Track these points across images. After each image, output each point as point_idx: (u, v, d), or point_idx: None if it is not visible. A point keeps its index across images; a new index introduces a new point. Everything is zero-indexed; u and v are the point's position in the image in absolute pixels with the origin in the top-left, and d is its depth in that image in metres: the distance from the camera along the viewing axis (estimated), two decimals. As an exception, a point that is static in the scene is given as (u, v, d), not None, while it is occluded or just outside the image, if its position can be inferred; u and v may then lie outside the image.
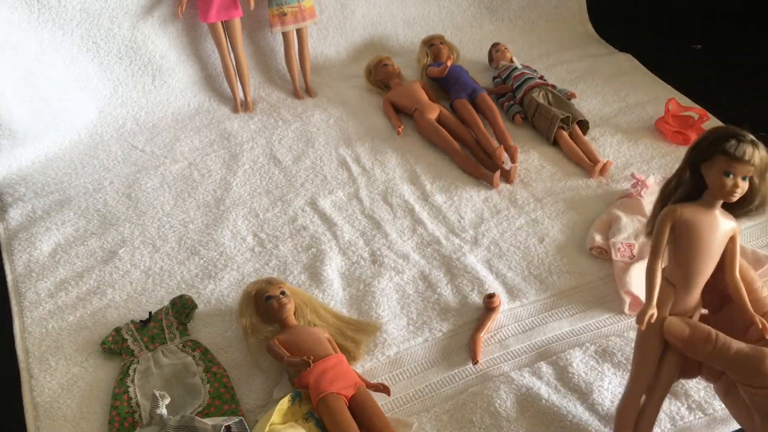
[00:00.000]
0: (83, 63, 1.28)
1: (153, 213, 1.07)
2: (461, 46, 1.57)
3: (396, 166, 1.18)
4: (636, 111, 1.31)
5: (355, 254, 0.98)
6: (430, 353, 0.82)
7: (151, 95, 1.34)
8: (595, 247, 0.96)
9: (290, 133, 1.29)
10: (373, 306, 0.88)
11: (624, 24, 1.64)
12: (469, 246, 0.98)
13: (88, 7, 1.24)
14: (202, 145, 1.26)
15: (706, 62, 1.50)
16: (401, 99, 1.32)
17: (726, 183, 0.56)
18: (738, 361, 0.55)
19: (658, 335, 0.60)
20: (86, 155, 1.22)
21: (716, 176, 0.57)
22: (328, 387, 0.69)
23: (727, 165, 0.56)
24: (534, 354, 0.81)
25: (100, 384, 0.79)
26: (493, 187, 1.11)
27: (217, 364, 0.79)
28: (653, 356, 0.61)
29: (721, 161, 0.56)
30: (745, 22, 1.64)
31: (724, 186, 0.56)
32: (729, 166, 0.56)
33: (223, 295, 0.92)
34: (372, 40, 1.57)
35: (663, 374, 0.61)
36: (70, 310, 0.89)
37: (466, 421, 0.72)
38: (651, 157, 1.17)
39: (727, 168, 0.56)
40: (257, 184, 1.14)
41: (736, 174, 0.56)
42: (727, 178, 0.56)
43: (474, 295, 0.89)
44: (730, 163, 0.56)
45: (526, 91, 1.29)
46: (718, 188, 0.57)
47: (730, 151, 0.56)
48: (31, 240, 1.01)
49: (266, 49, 1.46)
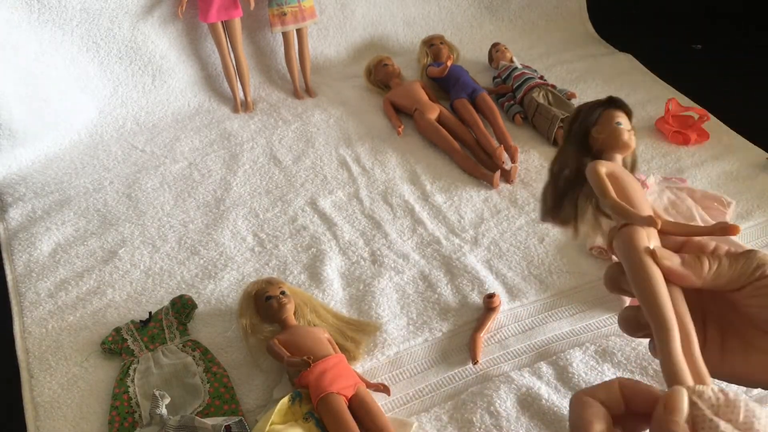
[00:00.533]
0: (83, 63, 1.28)
1: (153, 213, 1.07)
2: (461, 46, 1.57)
3: (396, 166, 1.18)
4: (636, 111, 1.30)
5: (355, 254, 0.98)
6: (430, 353, 0.82)
7: (151, 95, 1.34)
8: (595, 247, 0.96)
9: (290, 133, 1.29)
10: (373, 306, 0.88)
11: (624, 24, 1.64)
12: (469, 246, 0.98)
13: (88, 7, 1.24)
14: (202, 145, 1.26)
15: (706, 62, 1.50)
16: (401, 99, 1.32)
17: (622, 132, 0.56)
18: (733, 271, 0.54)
19: None
20: (86, 155, 1.22)
21: (611, 130, 0.56)
22: (328, 387, 0.69)
23: (616, 116, 0.56)
24: (534, 354, 0.81)
25: (100, 384, 0.79)
26: (493, 187, 1.11)
27: (217, 364, 0.79)
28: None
29: (608, 116, 0.57)
30: (745, 21, 1.64)
31: (620, 134, 0.56)
32: (618, 116, 0.56)
33: (223, 295, 0.92)
34: (372, 40, 1.57)
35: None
36: (70, 310, 0.89)
37: (466, 421, 0.72)
38: (651, 157, 1.17)
39: (617, 118, 0.56)
40: (257, 184, 1.14)
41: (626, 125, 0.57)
42: (621, 127, 0.56)
43: (474, 295, 0.89)
44: (617, 113, 0.56)
45: (526, 91, 1.29)
46: (616, 140, 0.56)
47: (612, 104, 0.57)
48: (31, 240, 1.01)
49: (266, 49, 1.46)
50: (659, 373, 0.76)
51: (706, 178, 1.11)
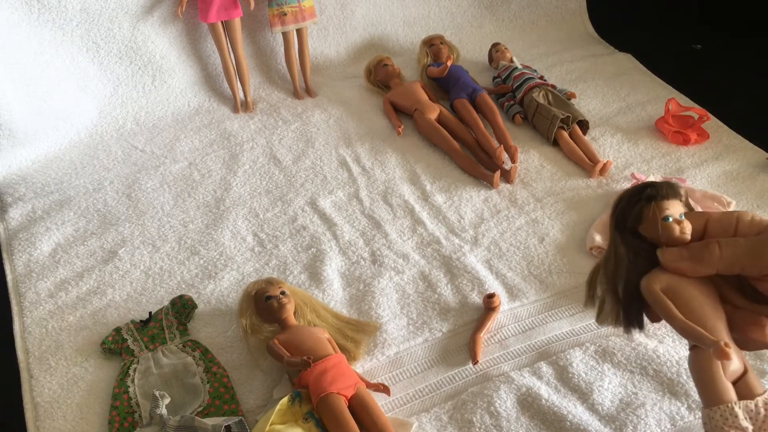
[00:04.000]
0: (83, 63, 1.28)
1: (153, 213, 1.07)
2: (461, 46, 1.57)
3: (396, 166, 1.18)
4: (636, 111, 1.31)
5: (355, 254, 0.98)
6: (430, 353, 0.82)
7: (151, 95, 1.34)
8: (595, 247, 0.96)
9: (290, 133, 1.29)
10: (373, 306, 0.88)
11: (624, 24, 1.64)
12: (469, 246, 0.98)
13: (88, 7, 1.24)
14: (202, 145, 1.26)
15: (706, 62, 1.50)
16: (401, 99, 1.32)
17: (673, 228, 0.54)
18: (752, 247, 0.53)
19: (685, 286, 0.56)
20: (86, 155, 1.22)
21: (660, 229, 0.55)
22: (328, 387, 0.69)
23: (662, 210, 0.54)
24: (534, 354, 0.81)
25: (100, 384, 0.79)
26: (493, 187, 1.11)
27: (217, 364, 0.79)
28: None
29: (652, 211, 0.55)
30: (745, 21, 1.64)
31: (672, 232, 0.54)
32: (663, 209, 0.54)
33: (223, 295, 0.92)
34: (372, 40, 1.57)
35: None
36: (70, 310, 0.89)
37: (466, 421, 0.72)
38: (651, 157, 1.17)
39: (664, 212, 0.54)
40: (257, 184, 1.14)
41: (674, 214, 0.55)
42: (670, 222, 0.54)
43: (474, 295, 0.89)
44: (661, 206, 0.54)
45: (526, 91, 1.29)
46: (669, 236, 0.55)
47: (653, 194, 0.54)
48: (31, 240, 1.01)
49: (266, 49, 1.46)
50: (659, 373, 0.76)
51: (706, 178, 1.11)
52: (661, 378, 0.76)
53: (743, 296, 0.57)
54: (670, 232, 0.55)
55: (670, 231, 0.55)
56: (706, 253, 0.55)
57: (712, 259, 0.54)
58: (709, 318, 0.56)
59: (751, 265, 0.53)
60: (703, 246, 0.55)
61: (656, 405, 0.73)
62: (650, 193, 0.55)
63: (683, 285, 0.56)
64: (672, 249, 0.56)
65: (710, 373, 0.55)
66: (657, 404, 0.73)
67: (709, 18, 1.67)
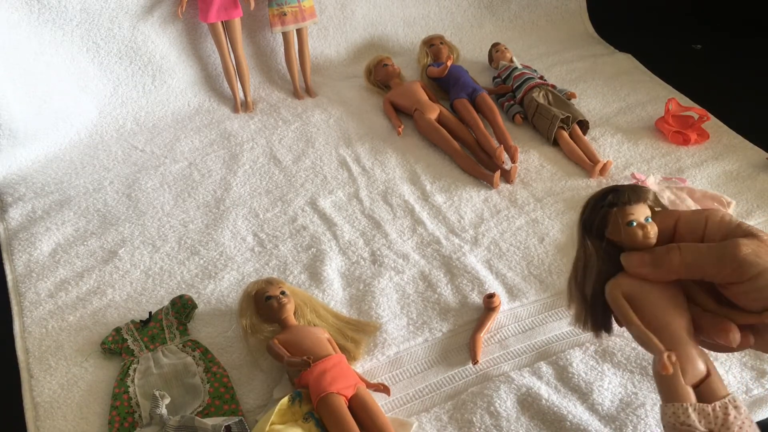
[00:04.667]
0: (83, 63, 1.28)
1: (153, 213, 1.07)
2: (461, 46, 1.57)
3: (396, 166, 1.18)
4: (636, 111, 1.31)
5: (355, 254, 0.98)
6: (430, 353, 0.82)
7: (151, 95, 1.34)
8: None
9: (290, 133, 1.29)
10: (373, 306, 0.88)
11: (624, 24, 1.64)
12: (469, 246, 0.98)
13: (88, 7, 1.24)
14: (202, 145, 1.26)
15: (706, 62, 1.50)
16: (401, 99, 1.32)
17: (635, 233, 0.55)
18: (714, 256, 0.52)
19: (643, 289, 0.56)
20: (86, 155, 1.23)
21: (624, 234, 0.55)
22: (328, 387, 0.69)
23: (625, 215, 0.55)
24: (534, 354, 0.81)
25: (100, 384, 0.79)
26: (493, 187, 1.11)
27: (217, 364, 0.79)
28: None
29: (616, 216, 0.55)
30: (745, 21, 1.64)
31: (635, 237, 0.55)
32: (627, 214, 0.55)
33: (223, 295, 0.92)
34: (372, 40, 1.57)
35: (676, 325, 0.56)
36: (70, 310, 0.89)
37: (466, 421, 0.72)
38: (651, 157, 1.17)
39: (628, 217, 0.55)
40: (257, 184, 1.14)
41: (638, 218, 0.55)
42: (633, 228, 0.55)
43: (474, 295, 0.89)
44: (624, 211, 0.54)
45: (526, 91, 1.29)
46: (632, 241, 0.55)
47: (615, 201, 0.54)
48: (31, 240, 1.01)
49: (266, 49, 1.46)
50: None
51: (706, 178, 1.11)
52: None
53: (712, 299, 0.57)
54: (633, 237, 0.55)
55: (634, 236, 0.55)
56: (667, 259, 0.55)
57: (673, 265, 0.54)
58: (671, 323, 0.56)
59: (712, 273, 0.53)
60: (665, 252, 0.55)
61: (656, 405, 0.73)
62: (612, 200, 0.55)
63: (646, 290, 0.56)
64: (634, 254, 0.56)
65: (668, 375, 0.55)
66: (657, 404, 0.73)
67: (709, 18, 1.67)
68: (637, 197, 0.56)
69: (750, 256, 0.50)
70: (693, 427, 0.56)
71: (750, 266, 0.50)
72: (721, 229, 0.54)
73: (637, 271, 0.56)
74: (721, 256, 0.52)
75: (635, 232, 0.55)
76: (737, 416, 0.57)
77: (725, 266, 0.52)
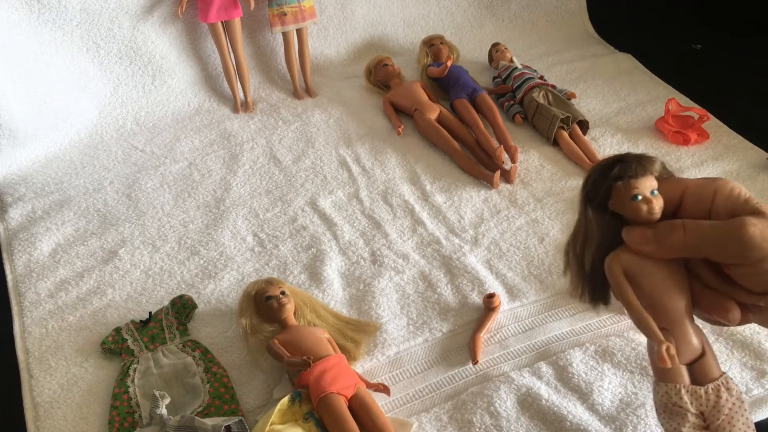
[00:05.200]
0: (83, 63, 1.28)
1: (153, 213, 1.07)
2: (461, 46, 1.57)
3: (396, 166, 1.18)
4: (636, 111, 1.31)
5: (355, 254, 0.98)
6: (430, 353, 0.82)
7: (151, 95, 1.34)
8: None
9: (290, 133, 1.29)
10: (373, 306, 0.88)
11: (624, 24, 1.64)
12: (469, 246, 0.98)
13: (88, 7, 1.24)
14: (202, 145, 1.26)
15: (706, 62, 1.50)
16: (401, 99, 1.32)
17: (640, 208, 0.53)
18: (718, 237, 0.50)
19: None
20: (86, 155, 1.23)
21: (628, 209, 0.54)
22: (328, 387, 0.69)
23: (630, 188, 0.53)
24: (534, 354, 0.81)
25: (100, 384, 0.79)
26: (493, 187, 1.11)
27: (217, 364, 0.79)
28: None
29: (621, 189, 0.53)
30: (745, 21, 1.64)
31: (639, 212, 0.53)
32: (632, 188, 0.53)
33: (223, 295, 0.92)
34: (372, 40, 1.57)
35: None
36: (70, 310, 0.89)
37: (466, 421, 0.72)
38: (651, 157, 1.17)
39: (632, 191, 0.53)
40: (257, 184, 1.14)
41: (643, 192, 0.53)
42: (638, 202, 0.53)
43: (474, 295, 0.89)
44: (630, 184, 0.53)
45: (526, 91, 1.29)
46: (636, 216, 0.54)
47: (621, 174, 0.53)
48: (31, 240, 1.01)
49: (266, 49, 1.46)
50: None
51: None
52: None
53: (714, 274, 0.55)
54: (637, 212, 0.54)
55: (637, 211, 0.53)
56: (669, 237, 0.53)
57: (675, 244, 0.53)
58: (670, 299, 0.55)
59: (715, 254, 0.52)
60: (668, 228, 0.53)
61: (656, 405, 0.73)
62: (618, 173, 0.53)
63: (646, 266, 0.55)
64: (636, 229, 0.55)
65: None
66: (657, 404, 0.73)
67: (709, 18, 1.67)
68: (643, 169, 0.54)
69: (756, 239, 0.48)
70: (684, 409, 0.56)
71: (755, 249, 0.48)
72: (728, 203, 0.52)
73: (638, 248, 0.55)
74: (726, 237, 0.50)
75: (639, 207, 0.53)
76: (728, 398, 0.57)
77: (729, 248, 0.50)
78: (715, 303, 0.55)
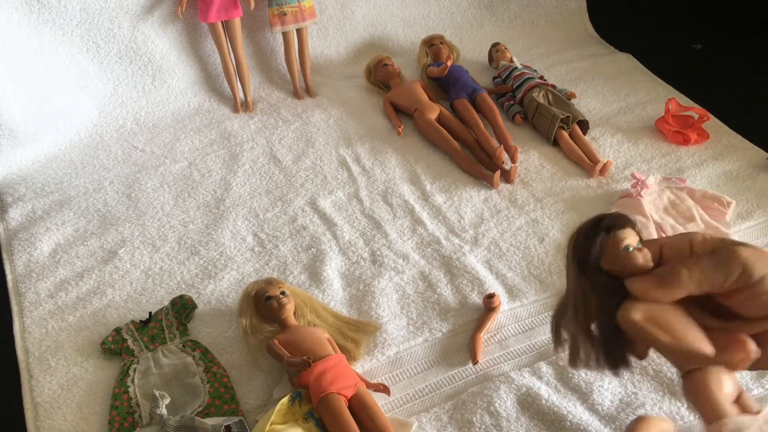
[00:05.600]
0: (83, 63, 1.28)
1: (153, 213, 1.07)
2: (461, 46, 1.57)
3: (396, 166, 1.18)
4: (636, 111, 1.31)
5: (355, 254, 0.98)
6: (430, 353, 0.82)
7: (151, 95, 1.34)
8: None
9: (290, 133, 1.29)
10: (373, 306, 0.88)
11: (624, 24, 1.64)
12: (469, 246, 0.98)
13: (88, 7, 1.24)
14: (202, 145, 1.26)
15: (706, 62, 1.50)
16: (401, 99, 1.32)
17: (635, 257, 0.53)
18: (718, 263, 0.52)
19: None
20: (86, 155, 1.23)
21: (622, 261, 0.54)
22: (328, 387, 0.69)
23: (620, 240, 0.53)
24: (534, 354, 0.81)
25: (100, 384, 0.79)
26: (493, 187, 1.11)
27: (217, 364, 0.79)
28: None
29: (612, 242, 0.53)
30: (745, 22, 1.64)
31: (635, 261, 0.53)
32: (622, 239, 0.53)
33: (223, 295, 0.92)
34: (372, 40, 1.57)
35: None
36: (70, 310, 0.89)
37: (466, 421, 0.72)
38: (651, 157, 1.17)
39: (623, 242, 0.53)
40: (257, 184, 1.14)
41: (632, 243, 0.53)
42: (631, 252, 0.53)
43: (474, 295, 0.89)
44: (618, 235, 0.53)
45: (526, 91, 1.29)
46: (634, 266, 0.53)
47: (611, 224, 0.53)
48: (31, 240, 1.01)
49: (266, 49, 1.46)
50: (659, 373, 0.76)
51: (706, 178, 1.11)
52: (661, 378, 0.76)
53: (714, 317, 0.56)
54: (633, 261, 0.53)
55: (634, 260, 0.53)
56: (674, 277, 0.53)
57: (683, 281, 0.53)
58: (695, 339, 0.54)
59: (720, 282, 0.53)
60: (670, 270, 0.54)
61: (656, 405, 0.73)
62: (608, 224, 0.54)
63: (661, 311, 0.55)
64: (640, 278, 0.55)
65: (709, 391, 0.53)
66: (657, 404, 0.73)
67: (709, 18, 1.67)
68: (628, 222, 0.54)
69: (750, 259, 0.50)
70: None
71: (754, 267, 0.50)
72: (707, 246, 0.54)
73: (647, 294, 0.55)
74: (725, 263, 0.51)
75: (635, 256, 0.53)
76: None
77: (732, 272, 0.51)
78: (726, 342, 0.55)
